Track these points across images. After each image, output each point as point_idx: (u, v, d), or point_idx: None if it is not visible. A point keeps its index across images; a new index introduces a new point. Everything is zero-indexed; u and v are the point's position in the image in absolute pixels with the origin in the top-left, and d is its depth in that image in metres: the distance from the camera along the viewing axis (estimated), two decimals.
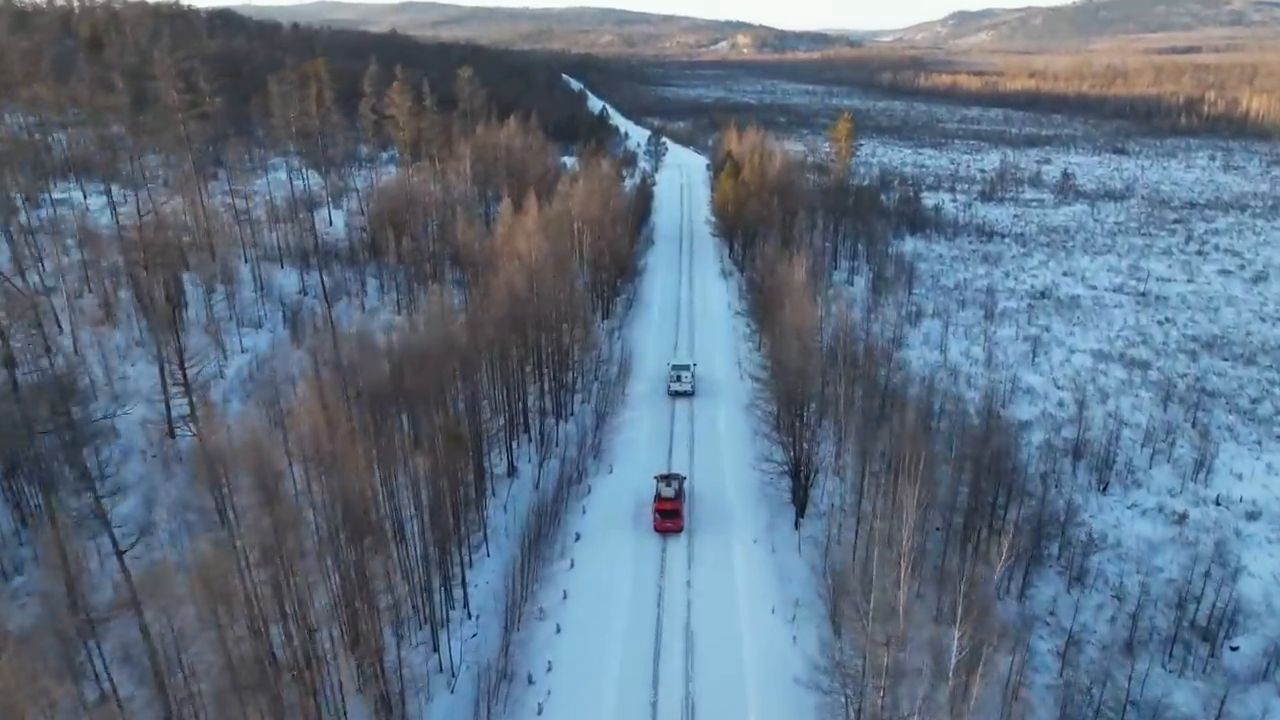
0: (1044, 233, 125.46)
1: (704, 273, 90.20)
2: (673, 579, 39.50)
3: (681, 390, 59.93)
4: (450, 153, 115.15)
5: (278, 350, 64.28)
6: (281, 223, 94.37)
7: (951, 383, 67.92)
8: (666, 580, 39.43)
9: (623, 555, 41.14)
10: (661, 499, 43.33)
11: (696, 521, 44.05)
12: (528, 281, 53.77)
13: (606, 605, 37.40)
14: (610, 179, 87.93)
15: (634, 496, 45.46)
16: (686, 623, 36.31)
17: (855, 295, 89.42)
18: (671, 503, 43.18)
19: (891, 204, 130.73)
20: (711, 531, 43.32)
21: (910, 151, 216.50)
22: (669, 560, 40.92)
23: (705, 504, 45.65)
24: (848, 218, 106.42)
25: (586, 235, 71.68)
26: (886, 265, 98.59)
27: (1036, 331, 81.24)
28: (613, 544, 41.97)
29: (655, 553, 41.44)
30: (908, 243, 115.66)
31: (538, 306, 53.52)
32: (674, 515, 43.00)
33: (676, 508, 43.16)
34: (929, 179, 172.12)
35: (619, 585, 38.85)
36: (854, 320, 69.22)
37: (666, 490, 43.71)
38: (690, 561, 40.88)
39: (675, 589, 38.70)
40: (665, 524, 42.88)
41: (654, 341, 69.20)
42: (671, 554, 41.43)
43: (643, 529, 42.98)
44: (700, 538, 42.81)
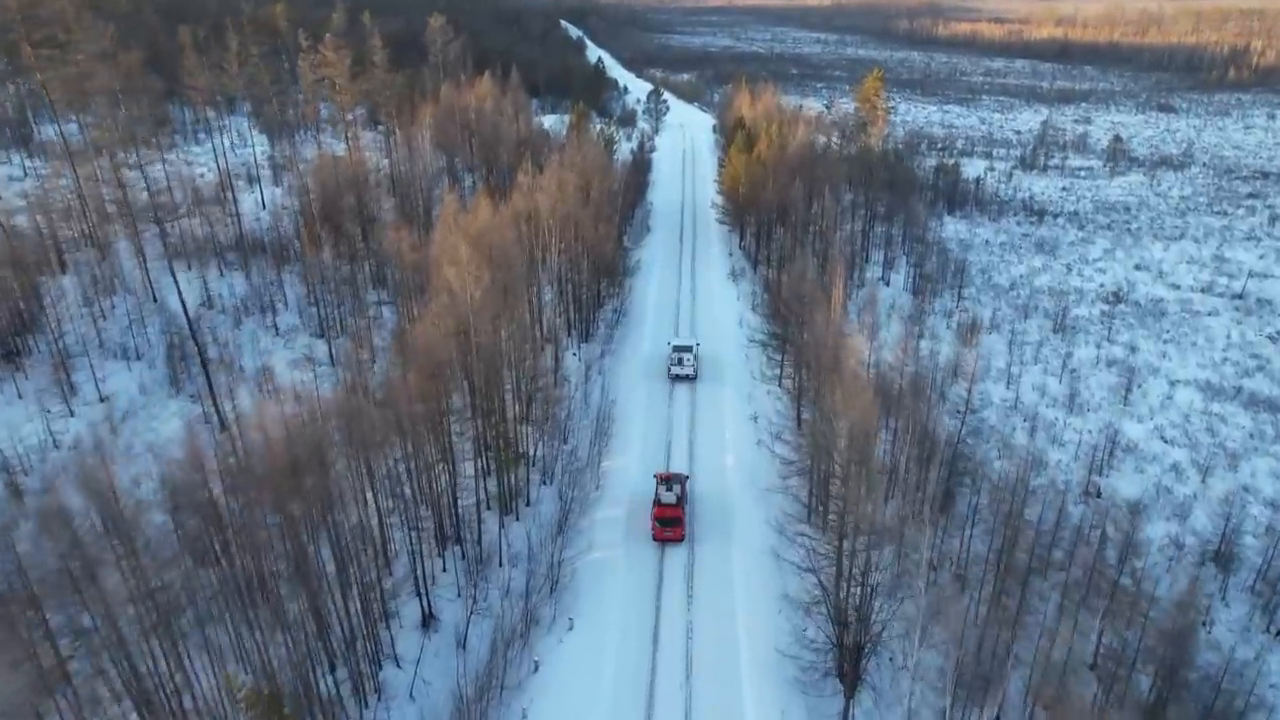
0: (1101, 211, 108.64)
1: (709, 273, 74.13)
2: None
3: (683, 374, 53.12)
4: (413, 119, 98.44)
5: (150, 400, 49.03)
6: (204, 205, 78.55)
7: (1030, 437, 52.60)
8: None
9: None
10: (661, 505, 38.57)
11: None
12: (463, 321, 38.16)
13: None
14: (597, 155, 71.33)
15: (625, 666, 30.61)
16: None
17: (893, 300, 73.52)
18: (672, 509, 38.54)
19: (924, 175, 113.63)
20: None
21: (935, 109, 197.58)
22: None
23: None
24: (879, 193, 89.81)
25: (558, 237, 55.60)
26: (928, 257, 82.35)
27: (1122, 353, 65.48)
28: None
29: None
30: (947, 225, 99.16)
31: (474, 358, 37.98)
32: (675, 523, 38.35)
33: (678, 515, 38.54)
34: (959, 142, 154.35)
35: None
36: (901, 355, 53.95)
37: (667, 495, 38.87)
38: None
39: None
40: (665, 533, 38.28)
41: (644, 387, 53.12)
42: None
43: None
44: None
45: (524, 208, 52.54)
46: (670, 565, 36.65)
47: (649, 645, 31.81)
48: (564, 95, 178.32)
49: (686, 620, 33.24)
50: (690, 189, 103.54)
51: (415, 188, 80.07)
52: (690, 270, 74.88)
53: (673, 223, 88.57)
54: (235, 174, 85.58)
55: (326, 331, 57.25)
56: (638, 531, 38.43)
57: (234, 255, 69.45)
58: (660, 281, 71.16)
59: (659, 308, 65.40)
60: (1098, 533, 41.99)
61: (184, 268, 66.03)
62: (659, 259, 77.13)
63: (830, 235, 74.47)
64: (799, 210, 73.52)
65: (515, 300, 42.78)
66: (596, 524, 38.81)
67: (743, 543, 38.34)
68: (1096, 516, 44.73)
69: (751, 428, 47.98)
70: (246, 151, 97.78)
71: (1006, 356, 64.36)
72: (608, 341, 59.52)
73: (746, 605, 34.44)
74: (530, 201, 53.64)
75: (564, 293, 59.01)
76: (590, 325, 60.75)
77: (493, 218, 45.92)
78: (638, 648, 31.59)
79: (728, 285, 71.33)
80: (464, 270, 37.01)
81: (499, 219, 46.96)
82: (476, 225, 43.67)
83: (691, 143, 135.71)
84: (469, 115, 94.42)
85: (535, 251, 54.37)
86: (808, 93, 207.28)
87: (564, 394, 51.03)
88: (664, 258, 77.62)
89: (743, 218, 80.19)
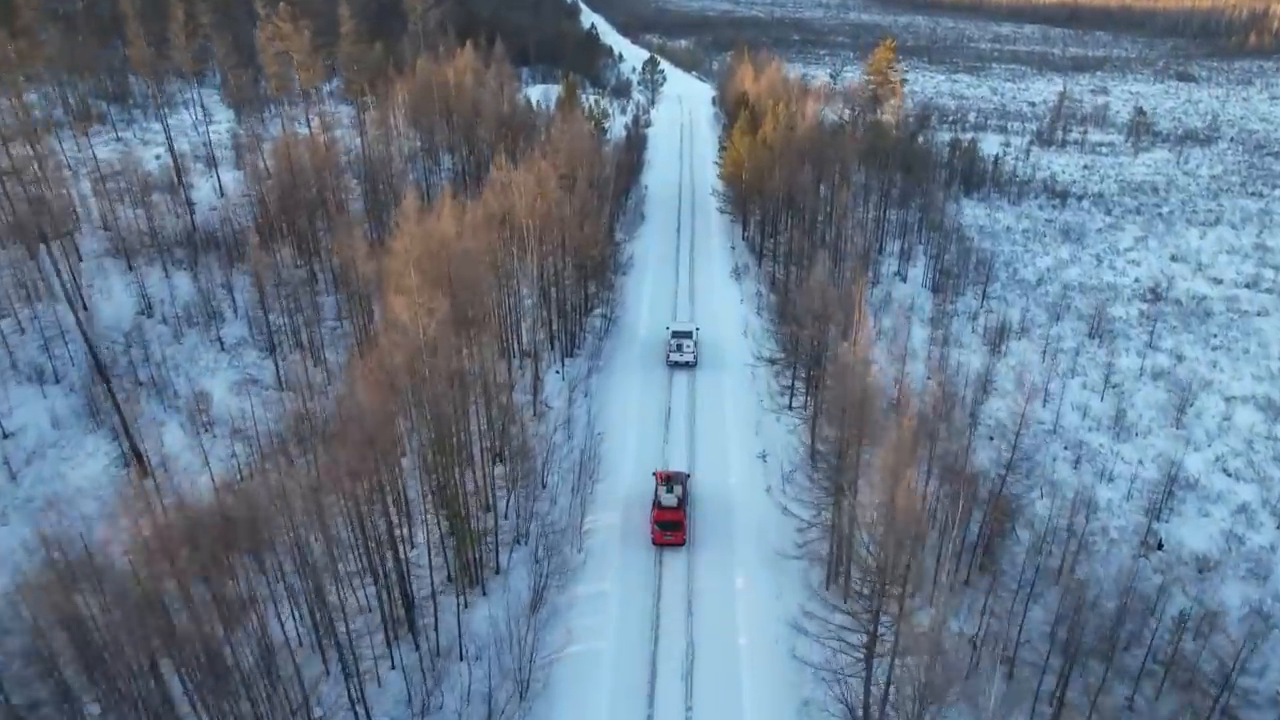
0: (1127, 192, 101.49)
1: (710, 270, 67.23)
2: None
3: (682, 361, 51.27)
4: (389, 95, 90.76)
5: (64, 435, 42.40)
6: (155, 192, 71.43)
7: (1074, 470, 46.27)
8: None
9: None
10: (662, 508, 36.79)
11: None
12: (415, 358, 31.52)
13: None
14: (585, 140, 63.97)
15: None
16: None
17: (911, 299, 66.79)
18: (673, 512, 36.72)
19: (938, 152, 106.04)
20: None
21: (944, 78, 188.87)
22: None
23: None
24: (893, 175, 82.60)
25: (538, 237, 48.61)
26: (947, 247, 75.39)
27: (1167, 362, 59.00)
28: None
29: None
30: (965, 210, 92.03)
31: (427, 405, 31.43)
32: (676, 528, 36.54)
33: (679, 519, 36.73)
34: (972, 115, 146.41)
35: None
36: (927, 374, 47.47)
37: (668, 498, 36.99)
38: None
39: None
40: (665, 537, 36.60)
41: (637, 418, 46.42)
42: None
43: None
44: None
45: (498, 208, 45.47)
46: (668, 680, 30.18)
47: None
48: (556, 63, 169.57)
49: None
50: (688, 169, 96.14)
51: (386, 174, 72.80)
52: (689, 266, 67.94)
53: (669, 210, 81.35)
54: (197, 155, 78.18)
55: (277, 347, 50.53)
56: (631, 617, 32.16)
57: (184, 252, 62.53)
58: (655, 281, 64.20)
59: (654, 313, 58.55)
60: (1166, 599, 36.02)
61: (124, 268, 59.20)
62: (654, 253, 70.09)
63: (844, 227, 67.50)
64: (809, 200, 66.51)
65: (483, 324, 36.09)
66: (579, 603, 32.52)
67: (752, 621, 32.13)
68: (1160, 574, 38.65)
69: (760, 470, 41.50)
70: (211, 129, 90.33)
71: (1040, 367, 57.84)
72: (595, 356, 52.76)
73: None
74: (504, 200, 46.59)
75: (546, 299, 52.19)
76: (576, 337, 54.03)
77: (459, 222, 38.92)
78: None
79: (730, 285, 64.47)
80: (414, 301, 30.27)
81: (466, 222, 39.95)
82: (438, 235, 36.72)
83: (690, 116, 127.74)
84: (448, 91, 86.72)
85: (511, 254, 47.45)
86: (810, 60, 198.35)
87: (544, 426, 44.51)
88: (659, 252, 70.57)
89: (746, 207, 73.10)
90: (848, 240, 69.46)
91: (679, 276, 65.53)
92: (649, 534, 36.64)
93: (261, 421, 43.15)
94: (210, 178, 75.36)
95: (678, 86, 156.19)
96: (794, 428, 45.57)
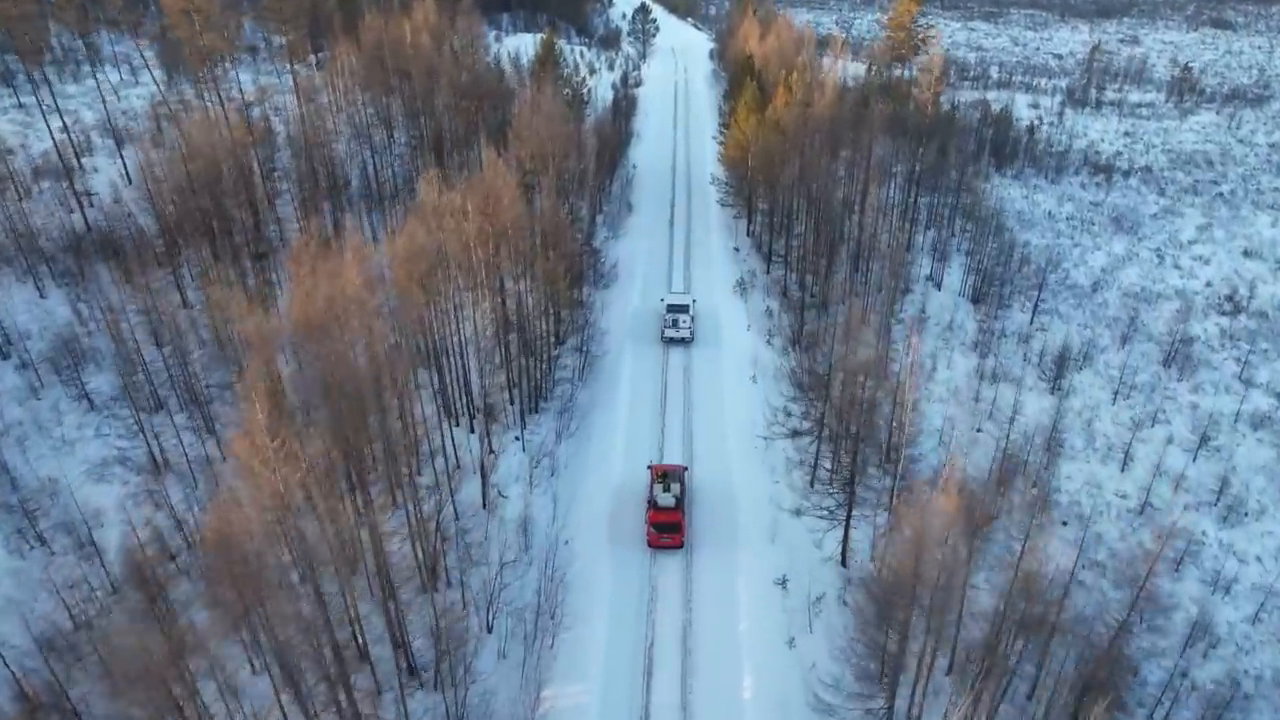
0: (1178, 165, 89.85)
1: (709, 281, 56.02)
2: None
3: (678, 338, 47.79)
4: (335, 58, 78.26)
5: None
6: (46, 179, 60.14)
7: (1175, 575, 36.17)
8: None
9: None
10: (658, 509, 33.46)
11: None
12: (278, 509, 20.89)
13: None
14: (557, 123, 52.10)
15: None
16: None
17: (950, 316, 56.01)
18: (670, 514, 33.28)
19: (964, 117, 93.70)
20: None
21: (959, 25, 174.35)
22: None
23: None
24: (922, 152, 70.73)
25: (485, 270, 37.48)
26: (985, 242, 64.24)
27: (1267, 403, 48.58)
28: None
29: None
30: (999, 188, 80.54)
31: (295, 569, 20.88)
32: (673, 529, 33.21)
33: (677, 520, 33.29)
34: (994, 69, 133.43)
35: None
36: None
37: (664, 497, 33.66)
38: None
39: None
40: (661, 540, 33.26)
41: (629, 512, 35.60)
42: None
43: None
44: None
45: (424, 243, 34.01)
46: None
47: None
48: (539, 8, 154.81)
49: None
50: (683, 142, 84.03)
51: (324, 157, 61.00)
52: (684, 273, 56.77)
53: (661, 198, 69.60)
54: (108, 130, 65.95)
55: (162, 406, 39.69)
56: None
57: (72, 260, 51.23)
58: (644, 298, 53.03)
59: (640, 347, 47.49)
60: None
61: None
62: (643, 256, 58.74)
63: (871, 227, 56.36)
64: (828, 193, 55.18)
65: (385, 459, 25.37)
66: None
67: None
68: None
69: (791, 659, 30.52)
70: (136, 95, 77.87)
71: (1110, 410, 47.46)
72: (567, 413, 41.96)
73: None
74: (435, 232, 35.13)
75: (503, 338, 41.27)
76: (543, 385, 43.21)
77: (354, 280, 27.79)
78: None
79: (733, 302, 53.43)
80: (263, 447, 19.54)
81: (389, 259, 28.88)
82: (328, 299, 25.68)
83: (685, 74, 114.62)
84: (404, 52, 74.01)
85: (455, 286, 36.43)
86: (815, 4, 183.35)
87: (496, 524, 34.07)
88: (649, 254, 59.20)
89: (752, 199, 61.62)
90: (874, 241, 58.29)
91: (672, 290, 54.40)
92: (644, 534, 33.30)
93: (124, 528, 32.67)
94: (114, 162, 63.52)
95: (671, 36, 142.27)
96: (832, 553, 34.59)
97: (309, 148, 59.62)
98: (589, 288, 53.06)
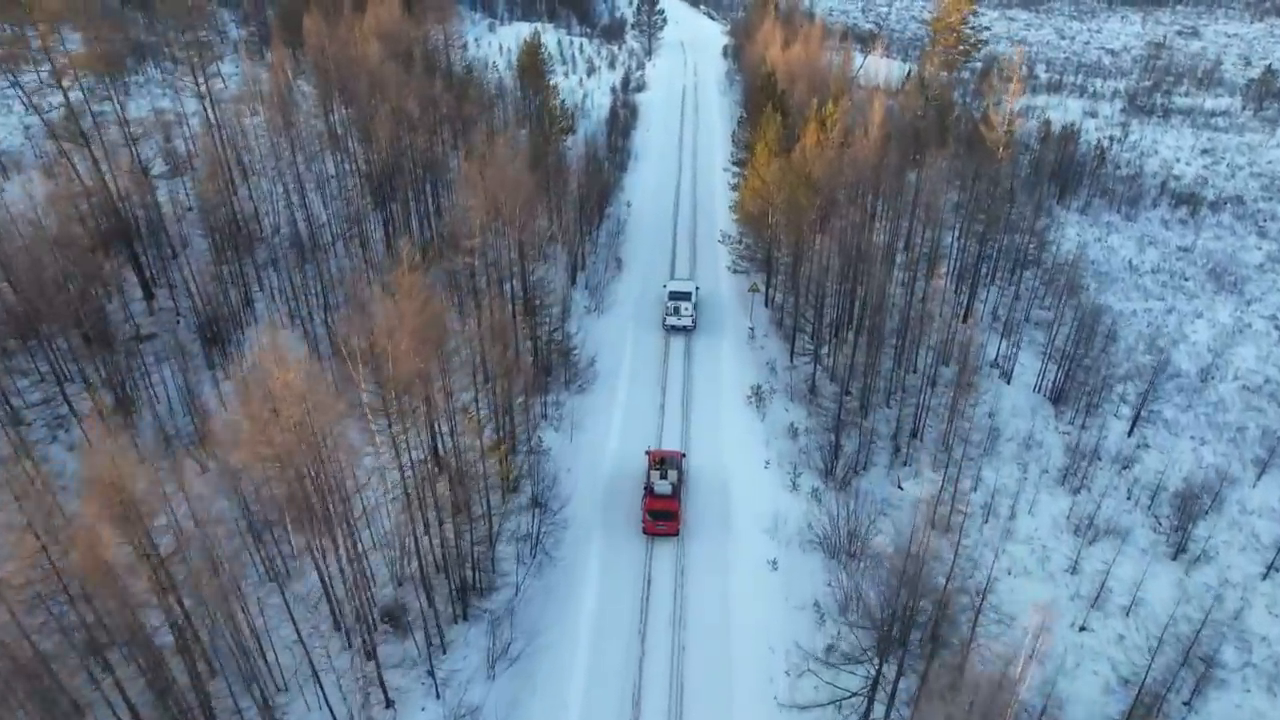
0: (1273, 193, 76.30)
1: (718, 381, 43.26)
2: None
3: (680, 326, 45.78)
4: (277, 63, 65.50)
5: None
6: None
7: None
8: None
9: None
10: (655, 495, 33.16)
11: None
12: None
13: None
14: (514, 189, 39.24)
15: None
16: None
17: (1029, 430, 43.28)
18: (666, 501, 32.92)
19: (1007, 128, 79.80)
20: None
21: (997, 14, 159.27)
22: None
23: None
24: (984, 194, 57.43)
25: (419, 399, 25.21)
26: (1060, 310, 51.29)
27: None
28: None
29: None
30: (1063, 224, 67.37)
31: None
32: (669, 517, 32.97)
33: (673, 508, 32.91)
34: (1041, 69, 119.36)
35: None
36: None
37: (661, 485, 33.16)
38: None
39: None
40: (657, 527, 33.08)
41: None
42: None
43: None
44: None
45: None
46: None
47: None
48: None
49: None
50: (690, 167, 70.91)
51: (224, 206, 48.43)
52: (684, 376, 43.83)
53: (659, 244, 56.63)
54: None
55: None
56: None
57: None
58: (629, 415, 40.23)
59: (615, 538, 34.25)
60: None
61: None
62: (631, 348, 45.69)
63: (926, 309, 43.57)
64: (871, 263, 42.39)
65: None
66: None
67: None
68: None
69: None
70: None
71: (1264, 591, 34.81)
72: (508, 620, 29.54)
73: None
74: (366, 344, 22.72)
75: (422, 510, 28.91)
76: (479, 572, 30.73)
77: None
78: None
79: (747, 420, 40.64)
80: None
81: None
82: None
83: (695, 74, 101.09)
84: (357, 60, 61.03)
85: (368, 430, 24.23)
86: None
87: None
88: (641, 345, 46.01)
89: (773, 262, 48.82)
90: (926, 318, 45.45)
91: (665, 397, 41.75)
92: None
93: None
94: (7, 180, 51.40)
95: (682, 29, 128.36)
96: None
97: (215, 180, 47.05)
98: (556, 395, 40.56)
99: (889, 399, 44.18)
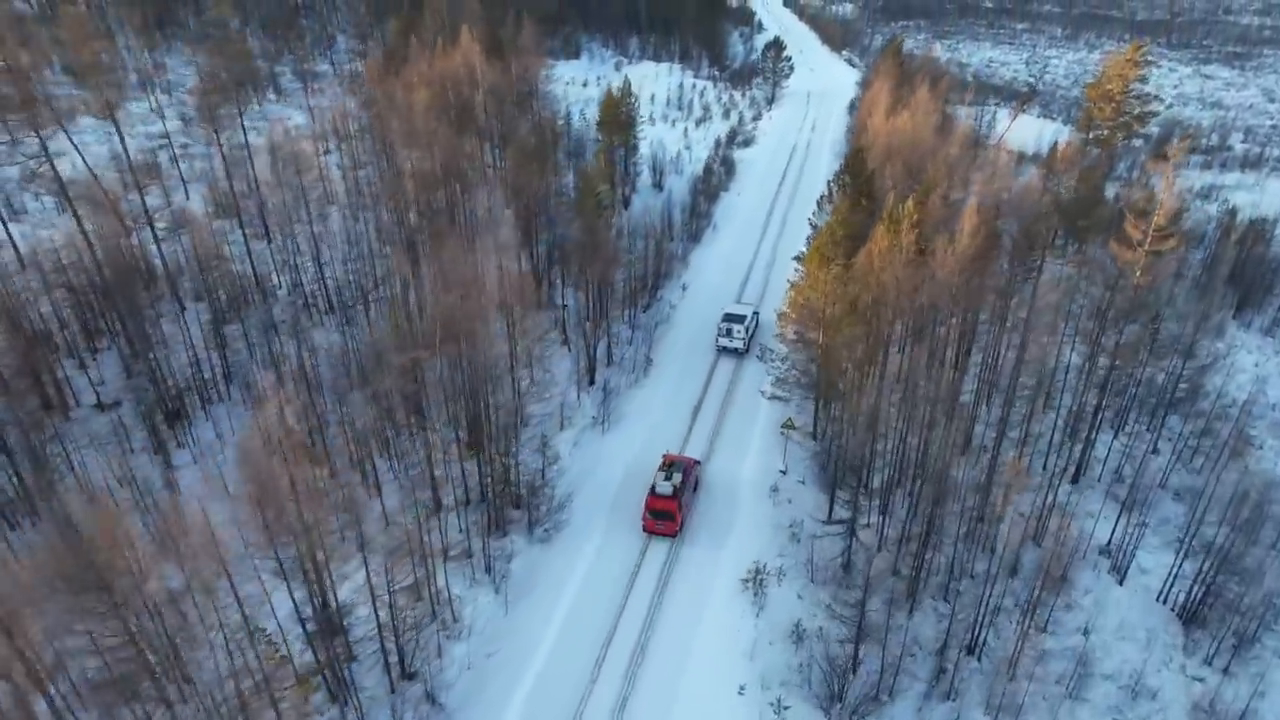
0: None
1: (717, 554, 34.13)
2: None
3: (731, 348, 45.43)
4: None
5: None
6: None
7: None
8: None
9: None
10: (655, 495, 33.83)
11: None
12: None
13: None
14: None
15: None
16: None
17: (1138, 657, 31.62)
18: (666, 501, 33.47)
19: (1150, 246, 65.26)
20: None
21: (1190, 71, 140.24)
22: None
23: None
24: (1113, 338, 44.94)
25: None
26: (1219, 474, 38.47)
27: None
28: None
29: None
30: (1235, 348, 53.47)
31: None
32: (667, 517, 33.56)
33: (670, 508, 33.42)
34: (1236, 140, 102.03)
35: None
36: None
37: (663, 485, 33.85)
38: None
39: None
40: (656, 526, 33.88)
41: None
42: None
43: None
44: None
45: None
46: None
47: None
48: (666, 30, 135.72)
49: None
50: (770, 248, 61.46)
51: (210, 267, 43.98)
52: (667, 549, 34.77)
53: (703, 348, 47.79)
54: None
55: None
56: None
57: None
58: (583, 595, 31.53)
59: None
60: None
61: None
62: (618, 485, 37.21)
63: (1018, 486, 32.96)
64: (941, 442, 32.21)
65: None
66: None
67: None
68: None
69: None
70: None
71: None
72: None
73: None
74: None
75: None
76: None
77: None
78: None
79: (732, 617, 31.00)
80: None
81: None
82: None
83: (813, 131, 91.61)
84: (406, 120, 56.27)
85: None
86: (1003, 40, 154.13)
87: None
88: (629, 484, 37.33)
89: (822, 387, 39.24)
90: (1008, 495, 34.49)
91: (642, 563, 32.98)
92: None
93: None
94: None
95: (815, 77, 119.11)
96: None
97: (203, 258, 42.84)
98: (511, 541, 32.79)
99: (946, 591, 33.68)
